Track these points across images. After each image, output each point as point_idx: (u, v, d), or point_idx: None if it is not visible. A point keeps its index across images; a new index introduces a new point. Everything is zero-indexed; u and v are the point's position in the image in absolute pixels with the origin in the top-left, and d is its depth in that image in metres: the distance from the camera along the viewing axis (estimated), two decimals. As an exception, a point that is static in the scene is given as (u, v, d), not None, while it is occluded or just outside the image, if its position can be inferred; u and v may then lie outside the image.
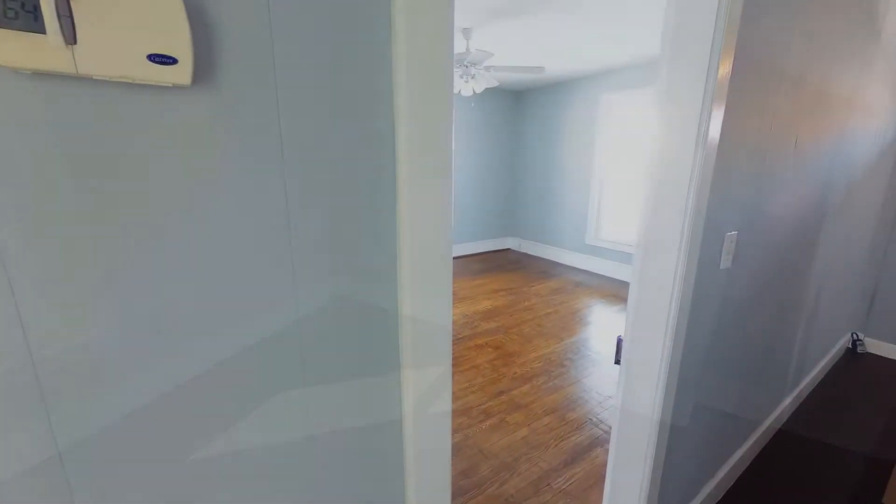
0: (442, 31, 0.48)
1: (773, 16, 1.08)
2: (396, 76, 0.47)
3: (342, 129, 0.46)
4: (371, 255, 0.52)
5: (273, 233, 0.44)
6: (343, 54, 0.44)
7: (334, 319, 0.51)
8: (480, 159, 5.64)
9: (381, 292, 0.54)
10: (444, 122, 0.51)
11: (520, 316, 3.58)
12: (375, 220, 0.51)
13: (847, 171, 1.94)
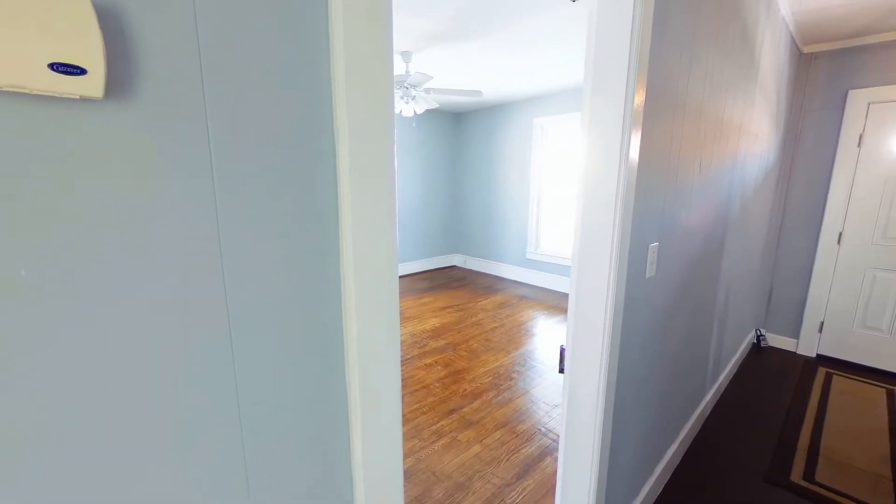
0: (380, 53, 0.49)
1: (675, 57, 1.23)
2: (336, 95, 0.47)
3: (279, 148, 0.44)
4: (312, 278, 0.49)
5: (201, 259, 0.41)
6: (279, 74, 0.43)
7: (272, 348, 0.47)
8: (424, 178, 5.72)
9: (324, 317, 0.51)
10: (385, 141, 0.51)
11: (468, 332, 3.61)
12: (317, 241, 0.49)
13: (741, 189, 2.23)
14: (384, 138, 0.51)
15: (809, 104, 2.98)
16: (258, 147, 0.43)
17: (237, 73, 0.40)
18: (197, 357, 0.42)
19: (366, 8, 0.46)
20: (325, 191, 0.49)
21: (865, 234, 2.85)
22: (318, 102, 0.47)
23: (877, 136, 2.74)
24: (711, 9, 1.42)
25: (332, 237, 0.50)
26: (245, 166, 0.42)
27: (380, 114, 0.50)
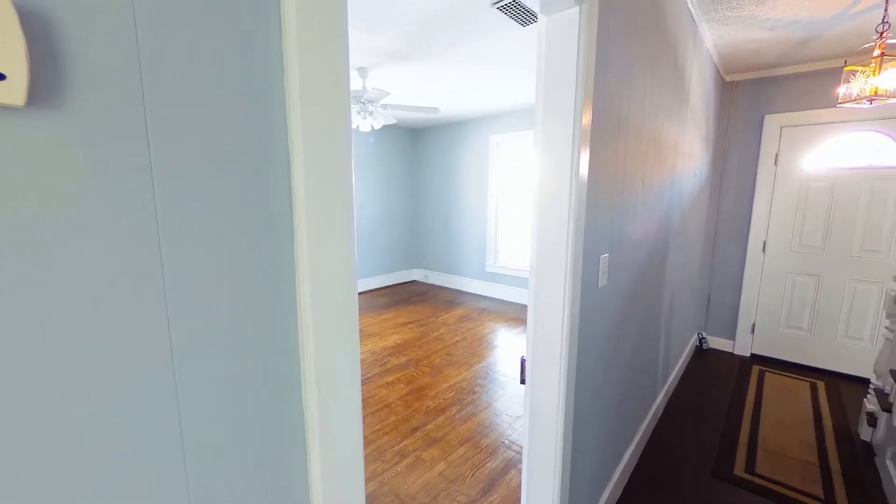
0: (336, 67, 0.49)
1: (616, 82, 1.33)
2: (291, 109, 0.46)
3: (229, 163, 0.42)
4: (265, 296, 0.47)
5: (139, 282, 0.38)
6: (230, 86, 0.42)
7: (221, 373, 0.44)
8: (383, 193, 5.69)
9: (279, 337, 0.49)
10: (342, 155, 0.51)
11: (429, 347, 3.58)
12: (270, 258, 0.47)
13: (680, 203, 2.42)
14: (341, 152, 0.50)
15: (733, 127, 3.31)
16: (205, 161, 0.41)
17: (182, 84, 0.38)
18: (132, 389, 0.38)
19: (320, 22, 0.46)
20: (280, 206, 0.47)
21: (785, 242, 3.17)
22: (271, 116, 0.45)
23: (789, 156, 3.09)
24: (646, 40, 1.55)
25: (286, 254, 0.49)
26: (191, 181, 0.40)
27: (336, 128, 0.49)
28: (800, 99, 3.01)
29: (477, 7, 2.07)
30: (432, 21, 2.23)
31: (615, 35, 1.27)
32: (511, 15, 2.15)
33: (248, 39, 0.43)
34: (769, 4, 2.04)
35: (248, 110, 0.43)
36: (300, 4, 0.44)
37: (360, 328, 3.96)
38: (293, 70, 0.45)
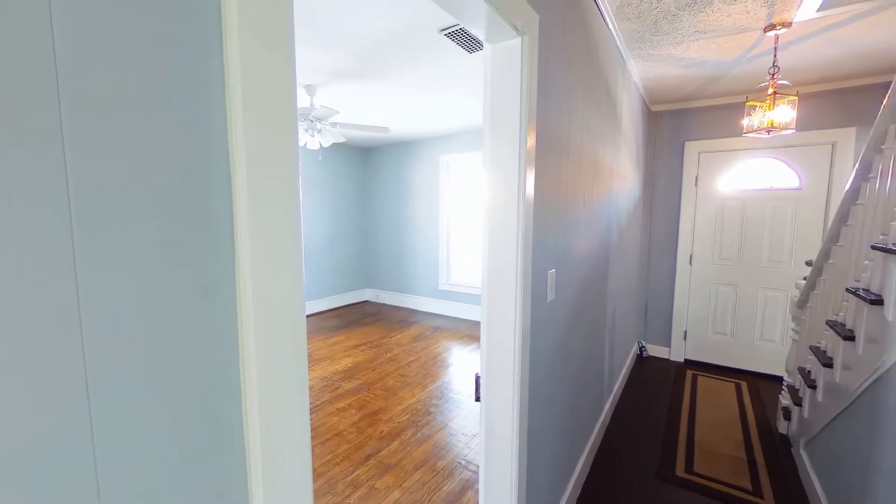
0: (282, 83, 0.48)
1: (557, 109, 1.42)
2: (233, 125, 0.44)
3: (160, 182, 0.39)
4: (202, 323, 0.44)
5: (50, 315, 0.33)
6: (163, 100, 0.39)
7: (149, 412, 0.40)
8: (332, 212, 5.55)
9: (216, 366, 0.45)
10: (288, 172, 0.49)
11: (383, 369, 3.48)
12: (208, 282, 0.44)
13: (617, 220, 2.60)
14: (287, 170, 0.49)
15: (659, 152, 3.65)
16: (131, 180, 0.38)
17: (108, 96, 0.36)
18: (36, 436, 0.33)
19: (265, 37, 0.45)
20: (220, 226, 0.45)
21: (708, 255, 3.51)
22: (210, 132, 0.43)
23: (707, 179, 3.46)
24: (582, 72, 1.68)
25: (227, 277, 0.46)
26: (115, 201, 0.36)
27: (282, 145, 0.48)
28: (713, 128, 3.40)
29: (425, 32, 2.14)
30: (382, 43, 2.27)
31: (554, 66, 1.36)
32: (458, 42, 2.24)
33: (184, 52, 0.41)
34: (683, 46, 2.30)
35: (183, 126, 0.41)
36: (243, 20, 0.43)
37: (308, 353, 3.77)
38: (235, 85, 0.43)
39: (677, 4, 1.85)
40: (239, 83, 0.43)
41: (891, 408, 1.30)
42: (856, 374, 1.54)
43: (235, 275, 0.46)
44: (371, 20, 1.99)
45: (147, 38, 0.38)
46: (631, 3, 1.84)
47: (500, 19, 1.01)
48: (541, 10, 1.21)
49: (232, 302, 0.46)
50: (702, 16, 1.95)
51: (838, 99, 2.94)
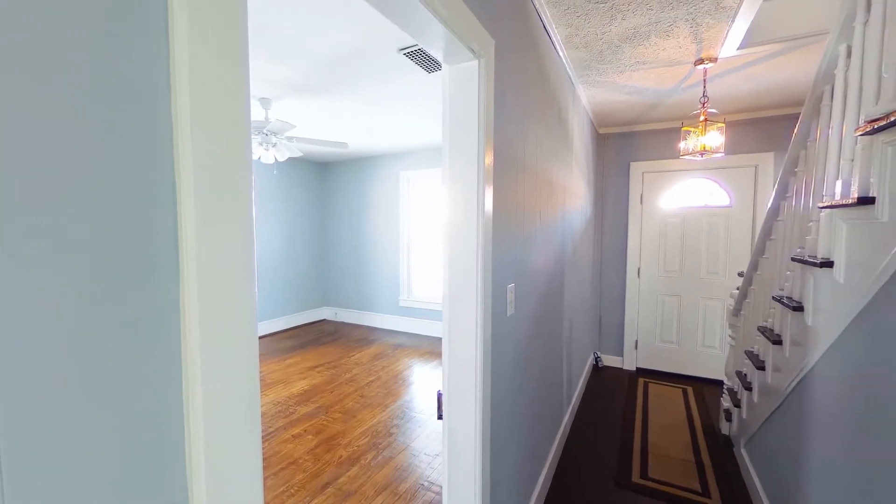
0: (234, 95, 0.46)
1: (513, 129, 1.48)
2: (179, 137, 0.42)
3: (91, 196, 0.36)
4: (138, 352, 0.40)
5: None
6: (100, 111, 0.36)
7: (75, 455, 0.36)
8: (288, 228, 5.36)
9: (157, 397, 0.42)
10: (240, 186, 0.47)
11: (341, 390, 3.35)
12: (146, 306, 0.40)
13: (571, 235, 2.72)
14: (239, 184, 0.47)
15: (608, 171, 3.88)
16: (57, 193, 0.34)
17: (29, 99, 0.33)
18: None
19: (216, 47, 0.44)
20: (162, 245, 0.42)
21: (654, 268, 3.74)
22: (153, 144, 0.41)
23: (650, 197, 3.71)
24: (536, 95, 1.76)
25: (170, 300, 0.42)
26: (37, 217, 0.33)
27: (233, 158, 0.46)
28: (655, 150, 3.67)
29: (385, 51, 2.16)
30: (341, 59, 2.26)
31: (510, 88, 1.42)
32: (417, 61, 2.28)
33: (124, 58, 0.38)
34: (626, 74, 2.49)
35: (118, 137, 0.38)
36: (193, 29, 0.41)
37: (261, 377, 3.55)
38: (183, 95, 0.41)
39: (619, 37, 2.01)
40: (187, 93, 0.41)
41: (815, 404, 1.43)
42: (785, 375, 1.69)
43: (180, 296, 0.43)
44: (329, 36, 1.99)
45: (79, 40, 0.35)
46: (578, 33, 1.98)
47: (457, 42, 1.04)
48: (496, 36, 1.27)
49: (175, 326, 0.43)
50: (641, 48, 2.13)
51: (759, 127, 3.30)
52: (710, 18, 1.82)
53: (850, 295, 1.20)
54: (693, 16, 1.80)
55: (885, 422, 1.02)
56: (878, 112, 1.08)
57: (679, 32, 1.95)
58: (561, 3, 1.72)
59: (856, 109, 1.25)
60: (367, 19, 1.83)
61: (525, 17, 1.58)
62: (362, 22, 1.85)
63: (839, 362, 1.28)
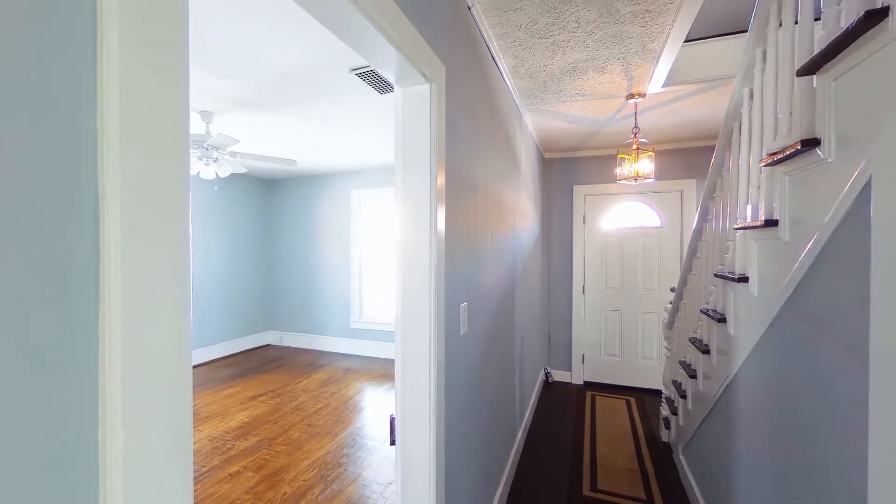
0: (171, 107, 0.43)
1: (465, 151, 1.52)
2: (106, 149, 0.38)
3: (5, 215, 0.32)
4: (45, 393, 0.35)
5: None
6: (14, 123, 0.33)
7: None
8: (230, 248, 5.05)
9: (66, 443, 0.36)
10: (175, 203, 0.44)
11: (286, 420, 3.14)
12: (55, 341, 0.36)
13: (521, 254, 2.81)
14: (173, 200, 0.44)
15: (553, 194, 4.09)
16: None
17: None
18: None
19: (151, 57, 0.41)
20: (78, 264, 0.37)
21: (597, 285, 3.95)
22: (73, 157, 0.37)
23: (592, 218, 3.96)
24: (486, 120, 1.84)
25: (86, 326, 0.38)
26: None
27: (167, 173, 0.43)
28: (595, 174, 3.94)
29: (336, 70, 2.15)
30: (291, 76, 2.22)
31: (461, 113, 1.47)
32: (369, 82, 2.30)
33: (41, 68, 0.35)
34: (567, 104, 2.68)
35: (30, 148, 0.34)
36: (125, 37, 0.39)
37: (195, 410, 3.24)
38: (111, 105, 0.38)
39: (560, 70, 2.16)
40: (116, 103, 0.38)
41: (739, 409, 1.56)
42: (713, 382, 1.83)
43: (99, 324, 0.39)
44: (280, 53, 1.95)
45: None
46: (524, 64, 2.10)
47: (409, 66, 1.06)
48: (447, 62, 1.31)
49: (92, 358, 0.38)
50: (580, 81, 2.30)
51: (682, 156, 3.66)
52: (639, 59, 2.02)
53: (763, 306, 1.34)
54: (624, 55, 1.99)
55: (796, 422, 1.14)
56: (776, 146, 1.24)
57: (612, 69, 2.14)
58: (507, 36, 1.83)
59: (759, 143, 1.43)
60: (319, 38, 1.82)
61: (475, 46, 1.66)
62: (314, 40, 1.84)
63: (757, 368, 1.41)
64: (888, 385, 0.76)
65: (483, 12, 1.65)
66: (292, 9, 1.61)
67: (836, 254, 0.97)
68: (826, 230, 0.99)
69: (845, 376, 0.92)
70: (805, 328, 1.11)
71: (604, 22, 1.70)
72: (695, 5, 1.57)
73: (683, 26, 1.72)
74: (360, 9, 0.82)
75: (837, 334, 0.96)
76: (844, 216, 0.93)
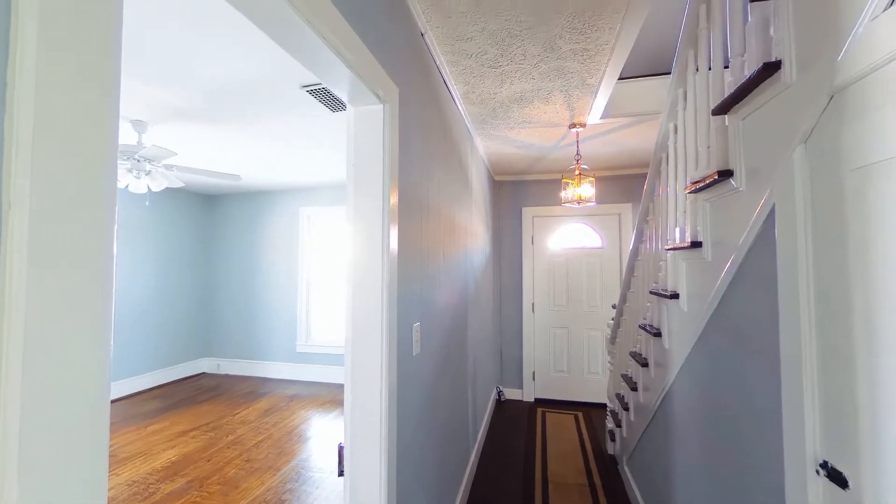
0: (97, 115, 0.40)
1: (418, 171, 1.54)
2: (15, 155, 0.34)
3: None
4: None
5: None
6: None
7: None
8: (162, 268, 4.63)
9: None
10: (98, 220, 0.40)
11: (221, 457, 2.87)
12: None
13: (473, 273, 2.85)
14: (95, 215, 0.40)
15: (503, 215, 4.23)
16: None
17: None
18: None
19: (75, 60, 0.38)
20: (-28, 288, 0.32)
21: (546, 303, 4.09)
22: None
23: (540, 238, 4.13)
24: (439, 141, 1.88)
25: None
26: None
27: (89, 184, 0.39)
28: (542, 197, 4.14)
29: (286, 86, 2.11)
30: (237, 88, 2.14)
31: (415, 134, 1.49)
32: (321, 100, 2.27)
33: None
34: (515, 130, 2.82)
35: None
36: (44, 40, 0.35)
37: (112, 451, 2.86)
38: (24, 109, 0.34)
39: (508, 98, 2.28)
40: (31, 107, 0.34)
41: (675, 418, 1.67)
42: (652, 393, 1.95)
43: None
44: (225, 64, 1.88)
45: None
46: (474, 91, 2.19)
47: (362, 86, 1.07)
48: (400, 85, 1.33)
49: (-18, 395, 0.33)
50: (527, 110, 2.44)
51: (620, 182, 3.96)
52: (579, 92, 2.19)
53: (692, 321, 1.46)
54: (566, 88, 2.14)
55: (723, 427, 1.24)
56: (698, 176, 1.38)
57: (556, 100, 2.30)
58: (459, 64, 1.90)
59: (684, 173, 1.59)
60: (268, 52, 1.78)
61: (428, 71, 1.70)
62: (263, 54, 1.79)
63: (689, 378, 1.52)
64: (794, 386, 0.85)
65: (436, 39, 1.70)
66: (241, 22, 1.56)
67: (750, 271, 1.09)
68: (741, 251, 1.11)
69: (762, 381, 1.02)
70: (728, 339, 1.22)
71: (548, 56, 1.83)
72: (626, 48, 1.74)
73: (617, 65, 1.89)
74: (314, 28, 0.82)
75: (754, 343, 1.07)
76: (755, 238, 1.05)
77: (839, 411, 0.76)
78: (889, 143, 0.65)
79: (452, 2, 1.48)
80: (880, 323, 0.67)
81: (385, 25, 1.23)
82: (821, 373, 0.81)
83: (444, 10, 1.52)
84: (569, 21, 1.57)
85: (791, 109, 0.89)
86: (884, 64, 0.65)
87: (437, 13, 1.54)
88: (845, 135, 0.74)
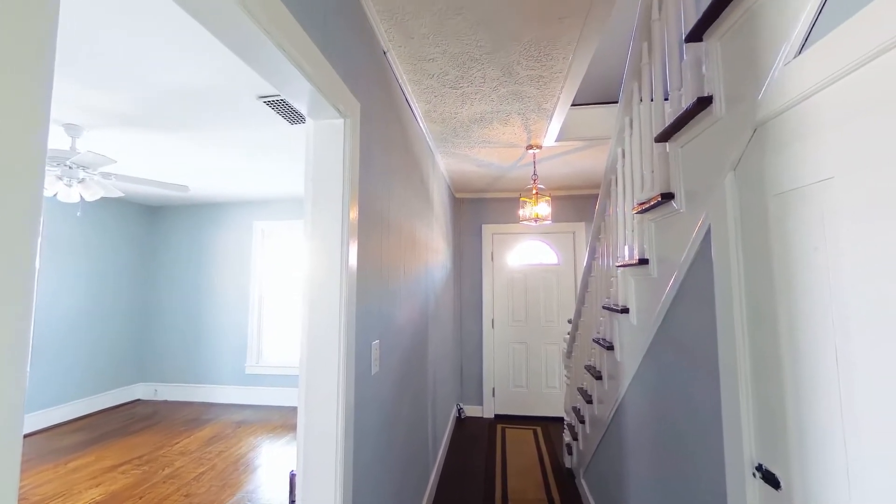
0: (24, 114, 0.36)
1: (379, 186, 1.53)
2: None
3: None
4: None
5: None
6: None
7: None
8: (95, 284, 4.23)
9: None
10: (18, 230, 0.36)
11: (156, 493, 2.61)
12: None
13: (433, 289, 2.84)
14: (13, 226, 0.36)
15: (464, 231, 4.29)
16: None
17: None
18: None
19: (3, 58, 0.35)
20: None
21: (505, 319, 4.15)
22: None
23: (499, 255, 4.22)
24: (400, 158, 1.88)
25: None
26: None
27: (6, 192, 0.35)
28: (501, 215, 4.24)
29: (242, 95, 2.04)
30: (188, 96, 2.04)
31: (376, 150, 1.49)
32: (279, 111, 2.22)
33: None
34: (476, 149, 2.89)
35: None
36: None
37: (23, 493, 2.51)
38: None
39: (469, 119, 2.34)
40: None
41: (628, 429, 1.73)
42: (606, 405, 2.01)
43: None
44: (174, 70, 1.79)
45: None
46: (436, 110, 2.23)
47: (323, 100, 1.06)
48: (362, 100, 1.33)
49: None
50: (486, 130, 2.52)
51: (574, 201, 4.16)
52: (536, 115, 2.29)
53: (641, 334, 1.54)
54: (523, 111, 2.24)
55: (670, 436, 1.30)
56: (643, 197, 1.48)
57: (514, 122, 2.39)
58: (421, 83, 1.93)
59: (631, 194, 1.69)
60: (222, 61, 1.72)
61: (390, 88, 1.72)
62: (216, 62, 1.73)
63: (639, 391, 1.59)
64: (732, 394, 0.92)
65: (398, 58, 1.73)
66: (195, 28, 1.50)
67: (691, 287, 1.17)
68: (682, 268, 1.19)
69: (704, 390, 1.09)
70: (673, 351, 1.29)
71: (506, 80, 1.91)
72: (578, 76, 1.85)
73: (570, 92, 2.01)
74: (272, 38, 0.80)
75: (697, 354, 1.14)
76: (695, 256, 1.13)
77: (770, 416, 0.82)
78: (800, 173, 0.73)
79: (415, 23, 1.51)
80: (802, 334, 0.74)
81: (347, 40, 1.23)
82: (754, 380, 0.87)
83: (407, 31, 1.55)
84: (526, 49, 1.66)
85: (722, 140, 0.98)
86: (796, 104, 0.73)
87: (400, 33, 1.57)
88: (767, 164, 0.82)
